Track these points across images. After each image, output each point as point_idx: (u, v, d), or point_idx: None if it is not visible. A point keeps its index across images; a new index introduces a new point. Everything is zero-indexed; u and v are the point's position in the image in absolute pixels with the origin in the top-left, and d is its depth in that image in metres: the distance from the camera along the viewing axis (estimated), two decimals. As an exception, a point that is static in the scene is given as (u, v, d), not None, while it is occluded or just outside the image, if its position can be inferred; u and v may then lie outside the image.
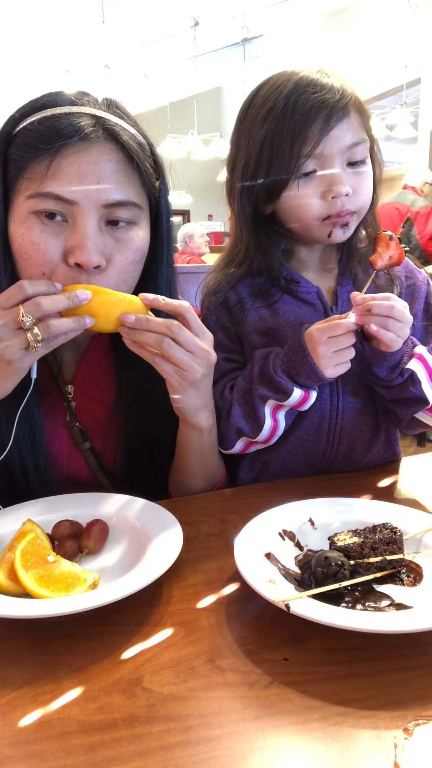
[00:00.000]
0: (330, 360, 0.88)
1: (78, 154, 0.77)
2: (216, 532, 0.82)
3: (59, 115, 0.79)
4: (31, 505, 0.83)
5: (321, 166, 0.89)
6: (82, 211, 0.78)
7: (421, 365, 0.92)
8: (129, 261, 0.83)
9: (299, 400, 0.92)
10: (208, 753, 0.46)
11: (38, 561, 0.67)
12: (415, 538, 0.73)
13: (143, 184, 0.84)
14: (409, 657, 0.56)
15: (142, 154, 0.83)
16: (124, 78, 7.12)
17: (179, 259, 5.31)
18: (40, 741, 0.47)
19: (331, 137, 0.88)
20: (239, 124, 0.98)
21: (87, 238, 0.78)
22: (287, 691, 0.52)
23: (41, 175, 0.77)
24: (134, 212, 0.83)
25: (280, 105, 0.89)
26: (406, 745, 0.46)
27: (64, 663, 0.56)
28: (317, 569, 0.65)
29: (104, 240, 0.81)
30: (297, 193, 0.91)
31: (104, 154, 0.79)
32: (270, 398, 0.93)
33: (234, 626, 0.61)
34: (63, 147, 0.76)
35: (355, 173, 0.91)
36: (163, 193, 0.89)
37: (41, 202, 0.78)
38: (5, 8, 5.85)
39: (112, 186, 0.79)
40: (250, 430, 0.95)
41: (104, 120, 0.80)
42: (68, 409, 0.97)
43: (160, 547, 0.70)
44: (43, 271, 0.80)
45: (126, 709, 0.50)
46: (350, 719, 0.49)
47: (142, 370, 0.86)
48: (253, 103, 0.94)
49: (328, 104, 0.87)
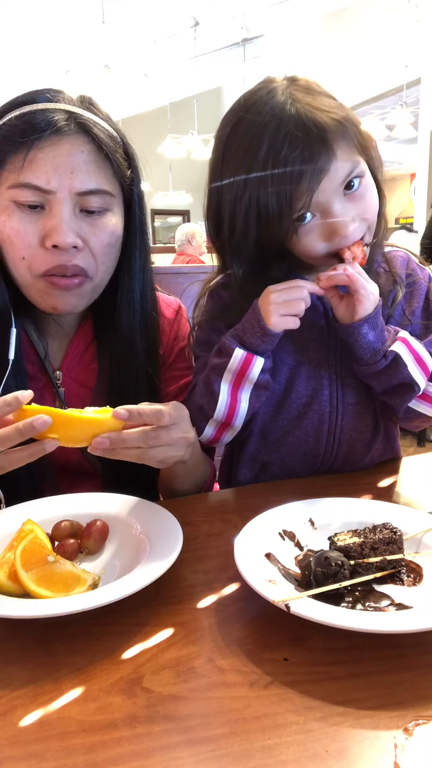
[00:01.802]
0: (277, 308, 0.86)
1: (52, 146, 0.84)
2: (216, 532, 0.82)
3: (35, 111, 0.85)
4: (31, 505, 0.83)
5: (317, 212, 0.84)
6: (58, 198, 0.84)
7: (405, 347, 0.90)
8: (104, 244, 0.90)
9: (240, 362, 0.89)
10: (208, 753, 0.46)
11: (38, 561, 0.67)
12: (415, 538, 0.73)
13: (115, 174, 0.90)
14: (409, 657, 0.56)
15: (112, 145, 0.89)
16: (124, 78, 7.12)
17: (178, 259, 5.32)
18: (40, 741, 0.47)
19: (321, 188, 0.81)
20: (215, 176, 0.91)
21: (62, 221, 0.84)
22: (287, 691, 0.52)
23: (18, 167, 0.84)
24: (106, 199, 0.89)
25: (258, 169, 0.82)
26: (406, 745, 0.46)
27: (64, 663, 0.56)
28: (317, 569, 0.65)
29: (79, 224, 0.87)
30: (300, 240, 0.87)
31: (76, 146, 0.85)
32: (217, 365, 0.91)
33: (234, 626, 0.61)
34: (38, 140, 0.83)
35: (356, 199, 0.86)
36: (135, 182, 0.95)
37: (20, 193, 0.84)
38: (5, 8, 5.85)
39: (84, 175, 0.85)
40: (207, 407, 0.93)
41: (77, 115, 0.87)
42: (57, 395, 1.00)
43: (160, 547, 0.70)
44: (24, 256, 0.87)
45: (126, 709, 0.50)
46: (350, 719, 0.49)
47: (124, 364, 0.97)
48: (227, 158, 0.87)
49: (311, 158, 0.79)
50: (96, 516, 0.79)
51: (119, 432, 0.73)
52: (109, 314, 1.00)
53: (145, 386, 1.00)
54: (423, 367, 0.92)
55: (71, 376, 1.02)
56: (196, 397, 0.94)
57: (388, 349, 0.90)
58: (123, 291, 0.98)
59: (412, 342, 0.92)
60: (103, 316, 1.01)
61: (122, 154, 0.91)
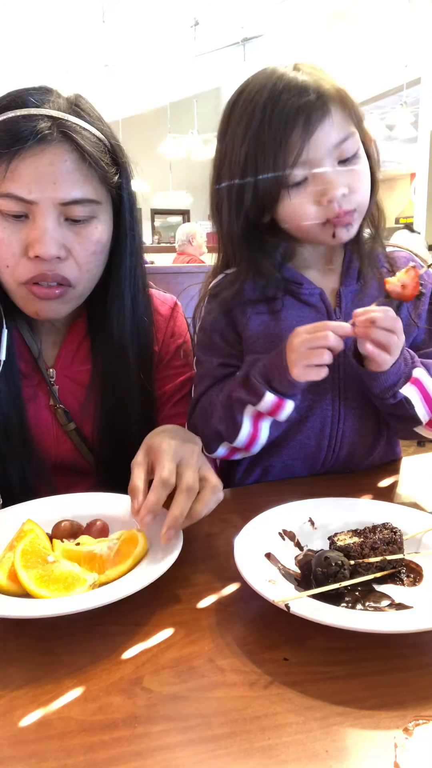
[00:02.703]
0: (301, 357, 0.82)
1: (34, 157, 0.82)
2: (216, 532, 0.82)
3: (18, 117, 0.83)
4: (31, 505, 0.83)
5: (310, 172, 0.86)
6: (41, 209, 0.83)
7: (416, 390, 0.89)
8: (90, 252, 0.89)
9: (272, 405, 0.88)
10: (208, 753, 0.46)
11: (38, 561, 0.67)
12: (415, 538, 0.73)
13: (101, 181, 0.88)
14: (409, 657, 0.56)
15: (97, 153, 0.86)
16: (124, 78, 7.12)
17: (178, 259, 5.31)
18: (40, 741, 0.47)
19: (315, 141, 0.83)
20: (221, 139, 0.93)
21: (45, 233, 0.83)
22: (287, 691, 0.52)
23: (1, 177, 0.82)
24: (92, 208, 0.87)
25: (257, 117, 0.84)
26: (406, 745, 0.46)
27: (64, 663, 0.56)
28: (317, 569, 0.65)
29: (63, 233, 0.86)
30: (291, 203, 0.88)
31: (59, 155, 0.83)
32: (244, 400, 0.90)
33: (234, 626, 0.61)
34: (20, 150, 0.81)
35: (348, 171, 0.87)
36: (124, 186, 0.93)
37: (4, 203, 0.83)
38: (5, 8, 5.85)
39: (68, 185, 0.83)
40: (226, 434, 0.93)
41: (62, 121, 0.84)
42: (51, 393, 1.00)
43: (160, 547, 0.70)
44: (8, 264, 0.86)
45: (126, 709, 0.50)
46: (350, 719, 0.49)
47: (116, 366, 0.98)
48: (232, 118, 0.90)
49: (305, 107, 0.82)
50: (96, 516, 0.79)
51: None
52: (102, 313, 0.99)
53: (137, 389, 1.01)
54: (430, 404, 0.91)
55: (65, 374, 1.02)
56: (214, 420, 0.93)
57: (399, 391, 0.89)
58: (112, 295, 0.97)
59: (424, 381, 0.90)
60: (97, 313, 1.00)
61: (108, 161, 0.89)
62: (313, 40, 7.14)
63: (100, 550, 0.70)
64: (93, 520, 0.78)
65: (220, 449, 0.97)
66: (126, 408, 1.00)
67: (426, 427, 0.96)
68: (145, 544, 0.70)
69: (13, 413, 0.96)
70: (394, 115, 6.38)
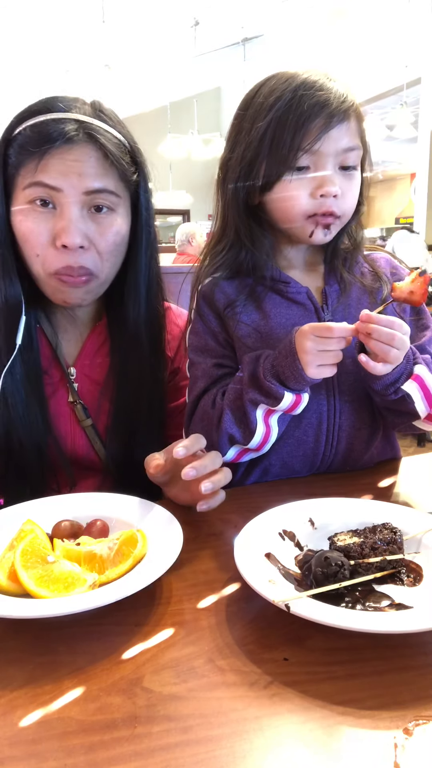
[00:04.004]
0: (314, 358, 0.85)
1: (62, 154, 0.91)
2: (216, 532, 0.82)
3: (48, 121, 0.92)
4: (31, 505, 0.83)
5: (315, 163, 0.91)
6: (67, 198, 0.91)
7: (417, 387, 0.91)
8: (110, 243, 0.96)
9: (291, 404, 0.91)
10: (208, 753, 0.46)
11: (38, 561, 0.67)
12: (415, 538, 0.73)
13: (121, 177, 0.96)
14: (409, 657, 0.56)
15: (118, 153, 0.95)
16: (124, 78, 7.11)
17: (178, 259, 5.31)
18: (40, 741, 0.47)
19: (330, 137, 0.89)
20: (242, 111, 0.98)
21: (71, 223, 0.91)
22: (287, 691, 0.52)
23: (32, 171, 0.91)
24: (113, 199, 0.95)
25: (287, 96, 0.90)
26: (406, 745, 0.46)
27: (64, 663, 0.56)
28: (317, 569, 0.65)
29: (87, 225, 0.93)
30: (288, 186, 0.92)
31: (85, 154, 0.92)
32: (261, 403, 0.91)
33: (234, 626, 0.61)
34: (50, 149, 0.90)
35: (345, 177, 0.93)
36: (142, 186, 1.01)
37: (33, 191, 0.92)
38: (5, 8, 5.85)
39: (92, 177, 0.92)
40: (242, 437, 0.94)
41: (87, 124, 0.93)
42: (71, 390, 1.06)
43: (160, 547, 0.70)
44: (38, 253, 0.94)
45: (126, 709, 0.50)
46: (350, 719, 0.49)
47: (131, 355, 1.05)
48: (260, 93, 0.95)
49: (332, 104, 0.89)
50: (96, 516, 0.79)
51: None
52: (119, 304, 1.06)
53: (149, 374, 1.07)
54: (430, 401, 0.92)
55: (84, 373, 1.08)
56: (225, 425, 0.94)
57: (400, 387, 0.90)
58: (129, 286, 1.05)
59: (425, 378, 0.91)
60: (117, 315, 1.07)
61: (128, 160, 0.98)
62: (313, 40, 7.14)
63: (100, 550, 0.70)
64: (93, 520, 0.78)
65: (230, 452, 0.97)
66: (137, 401, 1.06)
67: (425, 421, 0.98)
68: (145, 544, 0.70)
69: (34, 405, 1.01)
70: (394, 115, 6.37)
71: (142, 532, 0.72)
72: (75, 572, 0.66)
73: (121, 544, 0.70)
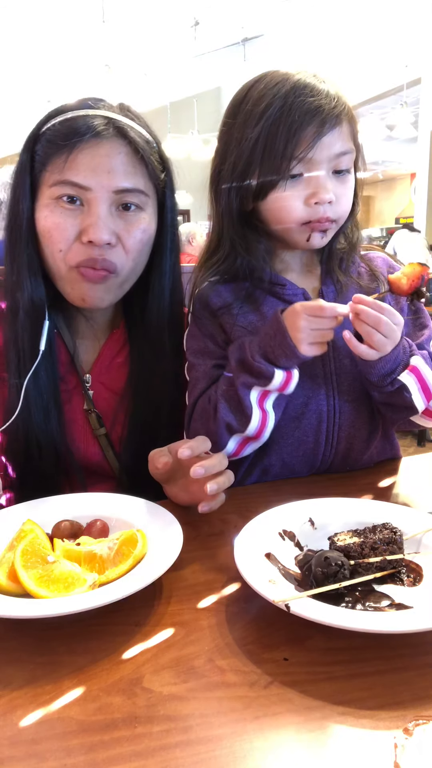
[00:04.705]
0: (307, 336, 0.87)
1: (91, 149, 0.89)
2: (216, 532, 0.82)
3: (77, 116, 0.92)
4: (31, 505, 0.83)
5: (309, 171, 0.90)
6: (96, 196, 0.90)
7: (414, 378, 0.91)
8: (137, 240, 0.95)
9: (282, 381, 0.91)
10: (208, 753, 0.46)
11: (38, 561, 0.67)
12: (415, 538, 0.73)
13: (149, 176, 0.95)
14: (409, 657, 0.56)
15: (148, 149, 0.94)
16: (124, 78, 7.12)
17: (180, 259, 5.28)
18: (40, 741, 0.47)
19: (323, 143, 0.88)
20: (231, 119, 0.96)
21: (99, 219, 0.90)
22: (287, 691, 0.52)
23: (60, 167, 0.90)
24: (141, 198, 0.95)
25: (277, 104, 0.88)
26: (406, 745, 0.46)
27: (64, 663, 0.56)
28: (317, 569, 0.65)
29: (115, 222, 0.93)
30: (282, 195, 0.91)
31: (114, 149, 0.91)
32: (254, 385, 0.92)
33: (234, 626, 0.61)
34: (78, 142, 0.89)
35: (339, 182, 0.92)
36: (169, 185, 1.01)
37: (61, 189, 0.91)
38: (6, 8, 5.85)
39: (121, 175, 0.91)
40: (238, 423, 0.94)
41: (115, 120, 0.92)
42: (86, 397, 1.05)
43: (160, 547, 0.70)
44: (61, 248, 0.93)
45: (126, 709, 0.50)
46: (350, 719, 0.49)
47: (157, 363, 1.03)
48: (247, 99, 0.93)
49: (324, 110, 0.87)
50: (96, 516, 0.79)
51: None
52: (140, 318, 1.05)
53: (172, 382, 1.05)
54: (427, 393, 0.93)
55: (100, 380, 1.06)
56: (221, 414, 0.94)
57: (397, 378, 0.91)
58: (154, 289, 1.04)
59: (422, 369, 0.92)
60: (135, 321, 1.06)
61: (157, 158, 0.97)
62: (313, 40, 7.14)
63: (100, 550, 0.70)
64: (93, 520, 0.78)
65: (230, 443, 0.97)
66: (157, 412, 1.04)
67: (423, 416, 0.98)
68: (145, 544, 0.70)
69: (53, 412, 1.00)
70: (394, 115, 6.38)
71: (142, 532, 0.72)
72: (75, 572, 0.66)
73: (121, 544, 0.70)
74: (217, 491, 0.79)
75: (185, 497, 0.88)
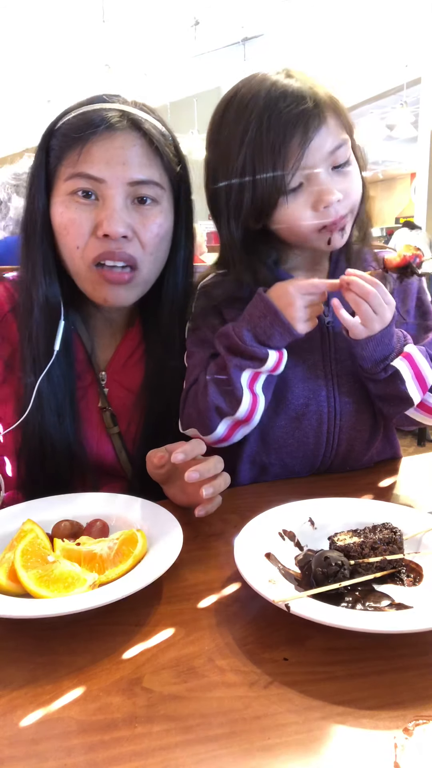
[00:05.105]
0: (303, 314, 0.89)
1: (105, 141, 0.89)
2: (216, 532, 0.82)
3: (91, 110, 0.91)
4: (31, 505, 0.83)
5: (307, 178, 0.87)
6: (110, 189, 0.89)
7: (407, 364, 0.91)
8: (154, 234, 0.94)
9: (275, 362, 0.91)
10: (208, 753, 0.46)
11: (38, 561, 0.67)
12: (415, 538, 0.73)
13: (165, 168, 0.94)
14: (409, 657, 0.56)
15: (163, 141, 0.94)
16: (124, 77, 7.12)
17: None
18: (40, 741, 0.47)
19: (312, 148, 0.84)
20: (213, 148, 0.94)
21: (114, 212, 0.89)
22: (287, 691, 0.52)
23: (75, 160, 0.89)
24: (157, 191, 0.93)
25: (254, 126, 0.85)
26: (406, 745, 0.46)
27: (64, 663, 0.56)
28: (317, 569, 0.65)
29: (130, 214, 0.91)
30: (287, 209, 0.88)
31: (129, 141, 0.90)
32: (246, 367, 0.91)
33: (234, 626, 0.61)
34: (92, 135, 0.88)
35: (341, 176, 0.89)
36: (184, 179, 1.00)
37: (76, 182, 0.90)
38: (6, 8, 5.85)
39: (136, 167, 0.90)
40: (227, 406, 0.92)
41: (129, 113, 0.92)
42: (102, 395, 1.04)
43: (160, 547, 0.70)
44: (78, 245, 0.92)
45: (126, 709, 0.50)
46: (350, 719, 0.49)
47: (170, 360, 1.02)
48: (224, 124, 0.90)
49: (303, 115, 0.83)
50: (96, 516, 0.79)
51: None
52: (154, 315, 1.04)
53: (182, 379, 1.03)
54: (422, 383, 0.92)
55: (115, 378, 1.06)
56: (211, 397, 0.93)
57: (389, 364, 0.90)
58: (168, 284, 1.03)
59: (416, 357, 0.92)
60: (150, 318, 1.05)
61: (173, 151, 0.96)
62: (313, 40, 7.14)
63: (100, 550, 0.70)
64: (93, 520, 0.78)
65: (220, 427, 0.95)
66: (172, 411, 1.02)
67: (419, 411, 0.97)
68: (144, 544, 0.70)
69: (67, 412, 0.99)
70: (394, 115, 6.38)
71: (142, 532, 0.72)
72: (75, 572, 0.66)
73: (121, 544, 0.70)
74: (213, 494, 0.79)
75: (183, 498, 0.88)
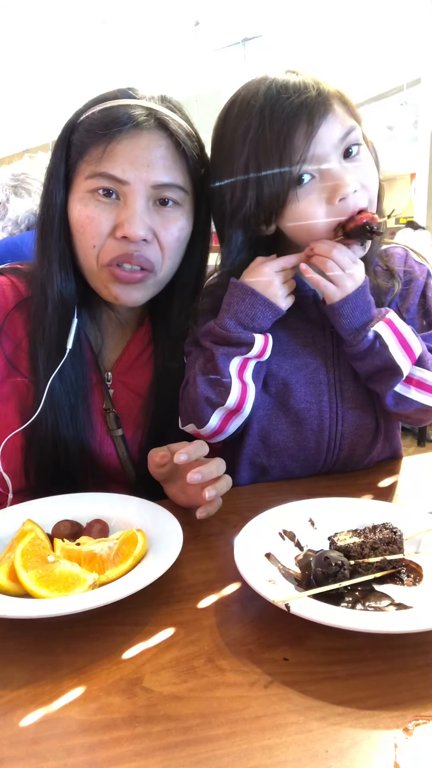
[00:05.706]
0: (282, 291, 0.89)
1: (131, 140, 0.86)
2: (216, 532, 0.82)
3: (117, 106, 0.89)
4: (31, 505, 0.83)
5: (318, 171, 0.83)
6: (133, 190, 0.87)
7: (388, 328, 0.89)
8: (174, 238, 0.92)
9: (262, 346, 0.90)
10: (209, 753, 0.46)
11: (38, 561, 0.67)
12: (415, 538, 0.73)
13: (189, 170, 0.92)
14: (409, 657, 0.56)
15: (189, 142, 0.92)
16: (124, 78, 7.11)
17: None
18: (40, 741, 0.47)
19: (319, 137, 0.81)
20: (217, 150, 0.92)
21: (135, 214, 0.86)
22: (287, 691, 0.52)
23: (98, 158, 0.87)
24: (180, 194, 0.91)
25: (255, 123, 0.82)
26: (406, 745, 0.46)
27: (64, 663, 0.56)
28: (317, 569, 0.65)
29: (151, 218, 0.89)
30: (299, 206, 0.85)
31: (154, 141, 0.88)
32: (234, 354, 0.90)
33: (234, 626, 0.61)
34: (118, 133, 0.86)
35: (355, 165, 0.84)
36: (207, 180, 0.96)
37: (98, 181, 0.87)
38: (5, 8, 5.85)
39: (160, 169, 0.88)
40: (217, 396, 0.91)
41: (156, 111, 0.89)
42: (107, 396, 1.02)
43: (160, 547, 0.70)
44: (94, 244, 0.89)
45: (126, 709, 0.50)
46: (350, 719, 0.49)
47: (179, 363, 1.00)
48: (226, 128, 0.89)
49: (307, 104, 0.80)
50: (96, 516, 0.79)
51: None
52: (165, 316, 1.03)
53: None
54: (407, 349, 0.90)
55: (121, 380, 1.04)
56: (201, 388, 0.92)
57: (370, 329, 0.88)
58: (179, 287, 1.01)
59: (397, 323, 0.90)
60: (160, 319, 1.04)
61: (198, 152, 0.94)
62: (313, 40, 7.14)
63: (100, 550, 0.70)
64: (93, 520, 0.78)
65: (213, 419, 0.93)
66: (177, 415, 1.00)
67: (420, 390, 0.93)
68: (144, 544, 0.70)
69: (79, 412, 0.98)
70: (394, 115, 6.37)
71: (142, 532, 0.72)
72: (75, 572, 0.66)
73: (121, 544, 0.70)
74: (215, 497, 0.79)
75: (183, 499, 0.88)
